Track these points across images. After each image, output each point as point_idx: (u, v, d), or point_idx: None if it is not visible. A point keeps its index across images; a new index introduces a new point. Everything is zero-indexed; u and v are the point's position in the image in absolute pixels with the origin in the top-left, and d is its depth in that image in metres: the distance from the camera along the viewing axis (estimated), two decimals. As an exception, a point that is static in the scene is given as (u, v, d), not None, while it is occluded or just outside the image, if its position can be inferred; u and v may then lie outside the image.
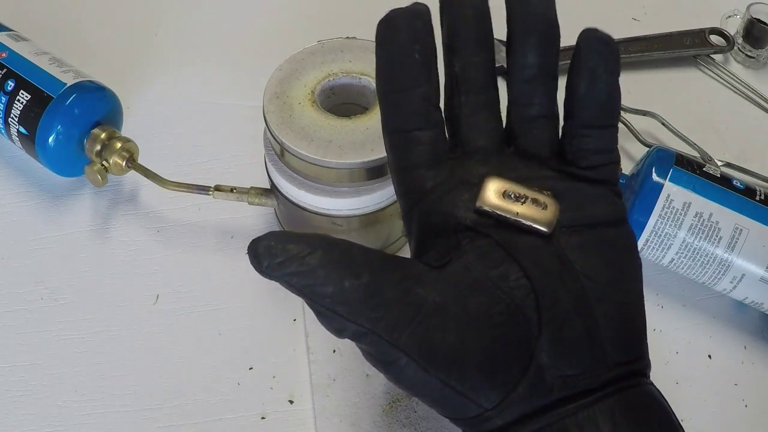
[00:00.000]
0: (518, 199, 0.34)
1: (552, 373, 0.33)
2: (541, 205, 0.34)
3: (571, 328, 0.33)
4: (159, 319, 0.56)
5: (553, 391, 0.33)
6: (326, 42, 0.55)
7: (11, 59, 0.59)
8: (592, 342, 0.33)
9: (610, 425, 0.32)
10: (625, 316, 0.35)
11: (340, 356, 0.53)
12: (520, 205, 0.34)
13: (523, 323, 0.33)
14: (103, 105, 0.60)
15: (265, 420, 0.51)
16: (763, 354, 0.55)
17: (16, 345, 0.54)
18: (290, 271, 0.32)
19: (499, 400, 0.32)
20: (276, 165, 0.53)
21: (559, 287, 0.34)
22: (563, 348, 0.33)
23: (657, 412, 0.34)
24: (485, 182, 0.35)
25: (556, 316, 0.33)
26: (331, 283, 0.32)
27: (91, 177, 0.58)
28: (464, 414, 0.33)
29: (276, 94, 0.52)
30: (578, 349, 0.33)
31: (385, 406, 0.51)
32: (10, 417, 0.51)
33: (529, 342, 0.33)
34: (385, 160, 0.50)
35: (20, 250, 0.59)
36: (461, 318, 0.33)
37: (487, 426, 0.33)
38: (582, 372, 0.33)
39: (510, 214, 0.34)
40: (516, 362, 0.33)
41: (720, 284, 0.54)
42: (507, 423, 0.33)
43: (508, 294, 0.33)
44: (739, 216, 0.52)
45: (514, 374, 0.32)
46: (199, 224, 0.60)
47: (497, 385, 0.32)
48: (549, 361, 0.33)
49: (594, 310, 0.34)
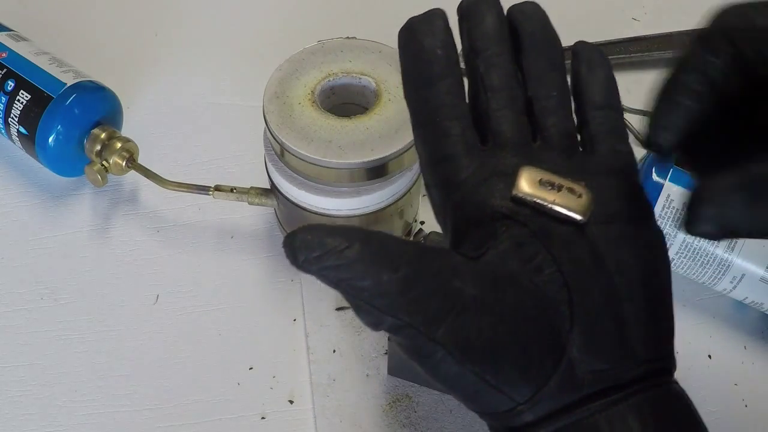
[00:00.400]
0: (554, 188, 0.35)
1: (582, 367, 0.33)
2: (576, 194, 0.35)
3: (602, 323, 0.34)
4: (159, 319, 0.56)
5: (583, 385, 0.33)
6: (326, 42, 0.55)
7: (11, 59, 0.59)
8: (622, 338, 0.34)
9: (639, 423, 0.32)
10: (654, 314, 0.35)
11: (340, 356, 0.53)
12: (555, 193, 0.34)
13: (556, 317, 0.33)
14: (103, 105, 0.60)
15: (265, 420, 0.51)
16: (763, 354, 0.55)
17: (16, 345, 0.54)
18: (327, 265, 0.32)
19: (531, 393, 0.33)
20: (276, 165, 0.53)
21: (590, 282, 0.34)
22: (594, 343, 0.33)
23: (684, 413, 0.34)
24: (520, 171, 0.35)
25: (588, 311, 0.33)
26: (369, 276, 0.32)
27: (91, 177, 0.58)
28: (496, 408, 0.33)
29: (276, 94, 0.52)
30: (608, 345, 0.33)
31: (385, 406, 0.51)
32: (10, 417, 0.51)
33: (560, 336, 0.33)
34: (385, 160, 0.50)
35: (20, 250, 0.59)
36: (496, 311, 0.33)
37: (518, 420, 0.33)
38: (611, 367, 0.33)
39: (546, 201, 0.34)
40: (548, 356, 0.33)
41: (720, 284, 0.54)
42: (538, 418, 0.33)
43: (542, 288, 0.33)
44: (739, 216, 0.52)
45: (546, 368, 0.33)
46: (199, 224, 0.60)
47: (530, 379, 0.33)
48: (579, 356, 0.33)
49: (624, 306, 0.34)
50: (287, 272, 0.58)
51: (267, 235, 0.60)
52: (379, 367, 0.52)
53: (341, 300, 0.55)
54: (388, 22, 0.73)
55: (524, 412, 0.33)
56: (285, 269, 0.58)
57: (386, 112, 0.52)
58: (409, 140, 0.51)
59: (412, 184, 0.55)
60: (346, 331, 0.54)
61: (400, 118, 0.51)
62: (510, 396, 0.33)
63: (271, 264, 0.58)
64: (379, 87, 0.53)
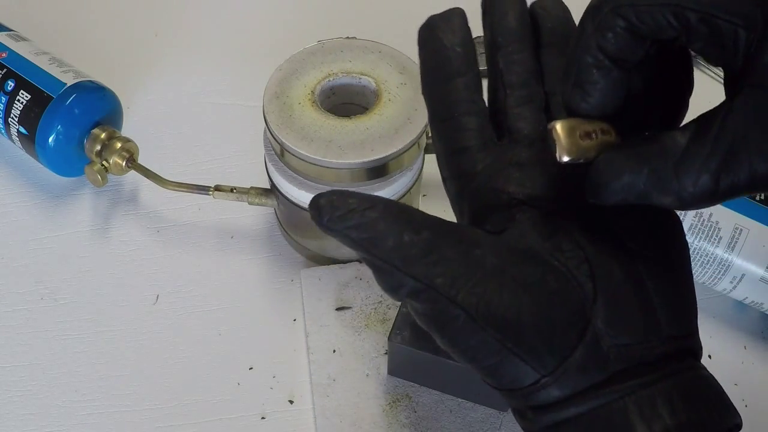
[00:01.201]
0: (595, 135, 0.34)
1: (607, 341, 0.33)
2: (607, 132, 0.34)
3: (625, 296, 0.34)
4: (159, 319, 0.56)
5: (609, 361, 0.33)
6: (326, 42, 0.55)
7: (11, 59, 0.59)
8: (647, 312, 0.34)
9: (668, 408, 0.32)
10: (677, 291, 0.35)
11: (340, 356, 0.53)
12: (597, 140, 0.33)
13: (578, 289, 0.33)
14: (103, 105, 0.60)
15: (265, 420, 0.51)
16: (763, 354, 0.55)
17: (16, 345, 0.54)
18: (351, 224, 0.33)
19: (555, 364, 0.32)
20: (276, 165, 0.53)
21: (611, 260, 0.34)
22: (618, 315, 0.33)
23: (713, 401, 0.34)
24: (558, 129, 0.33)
25: (610, 285, 0.33)
26: (391, 236, 0.32)
27: (91, 177, 0.58)
28: (520, 382, 0.33)
29: (276, 94, 0.52)
30: (633, 318, 0.33)
31: (385, 406, 0.51)
32: (10, 417, 0.51)
33: (584, 308, 0.33)
34: (385, 160, 0.50)
35: (20, 250, 0.59)
36: (519, 279, 0.33)
37: (543, 396, 0.33)
38: (637, 342, 0.33)
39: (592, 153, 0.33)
40: (572, 327, 0.33)
41: (720, 284, 0.54)
42: (564, 396, 0.33)
43: (563, 262, 0.34)
44: (739, 216, 0.52)
45: (570, 338, 0.32)
46: (199, 224, 0.60)
47: (554, 349, 0.32)
48: (604, 328, 0.33)
49: (645, 282, 0.34)
50: (287, 272, 0.58)
51: (267, 235, 0.60)
52: (379, 367, 0.52)
53: (341, 300, 0.55)
54: (388, 22, 0.73)
55: (549, 386, 0.32)
56: (285, 269, 0.58)
57: (386, 112, 0.52)
58: (409, 140, 0.51)
59: (412, 184, 0.55)
60: (346, 331, 0.54)
61: (400, 118, 0.51)
62: (534, 366, 0.32)
63: (271, 264, 0.58)
64: (379, 87, 0.53)
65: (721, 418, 0.33)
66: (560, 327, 0.33)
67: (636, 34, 0.32)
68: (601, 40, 0.32)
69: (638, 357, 0.33)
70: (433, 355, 0.48)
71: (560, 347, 0.32)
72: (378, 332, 0.54)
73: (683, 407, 0.32)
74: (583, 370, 0.33)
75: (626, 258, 0.34)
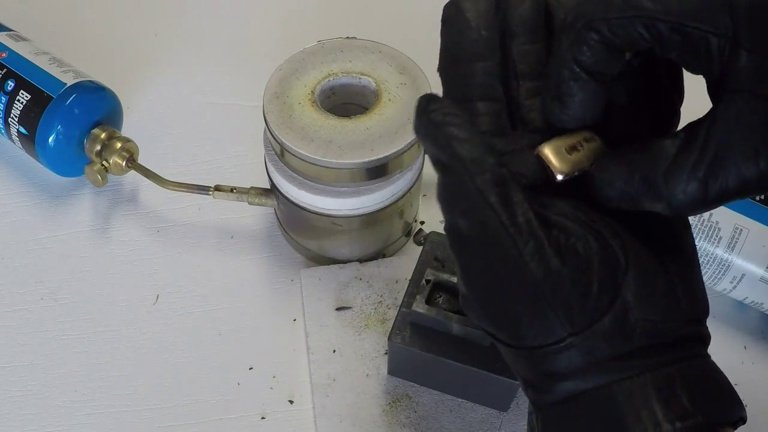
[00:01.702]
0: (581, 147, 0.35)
1: (635, 314, 0.33)
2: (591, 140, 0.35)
3: (653, 274, 0.34)
4: (159, 319, 0.56)
5: (634, 334, 0.33)
6: (326, 42, 0.55)
7: (11, 59, 0.59)
8: (670, 292, 0.34)
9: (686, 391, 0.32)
10: (695, 279, 0.36)
11: (340, 356, 0.53)
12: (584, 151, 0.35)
13: (612, 257, 0.33)
14: (103, 105, 0.60)
15: (265, 420, 0.51)
16: (763, 354, 0.55)
17: (16, 345, 0.54)
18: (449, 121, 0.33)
19: (584, 325, 0.32)
20: (276, 165, 0.53)
21: (638, 239, 0.34)
22: (647, 291, 0.33)
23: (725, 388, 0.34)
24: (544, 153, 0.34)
25: (640, 260, 0.34)
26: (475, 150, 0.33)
27: (91, 177, 0.58)
28: (544, 337, 0.32)
29: (276, 94, 0.52)
30: (659, 295, 0.34)
31: (385, 406, 0.51)
32: (10, 417, 0.51)
33: (617, 276, 0.33)
34: (385, 160, 0.50)
35: (20, 250, 0.59)
36: (562, 234, 0.33)
37: (563, 362, 0.32)
38: (661, 319, 0.33)
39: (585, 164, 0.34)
40: (606, 292, 0.33)
41: (720, 284, 0.54)
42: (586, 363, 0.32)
43: (597, 231, 0.34)
44: (739, 216, 0.52)
45: (602, 302, 0.32)
46: (199, 224, 0.60)
47: (586, 309, 0.32)
48: (633, 301, 0.33)
49: (669, 266, 0.35)
50: (287, 272, 0.58)
51: (267, 235, 0.60)
52: (379, 367, 0.52)
53: (341, 300, 0.55)
54: (388, 22, 0.73)
55: (572, 349, 0.32)
56: (285, 269, 0.58)
57: (386, 112, 0.52)
58: (409, 140, 0.51)
59: (412, 184, 0.55)
60: (346, 331, 0.54)
61: (400, 118, 0.51)
62: (563, 322, 0.32)
63: (271, 264, 0.58)
64: (379, 87, 0.53)
65: (733, 407, 0.34)
66: (596, 288, 0.32)
67: (610, 47, 0.33)
68: (577, 54, 0.33)
69: (660, 335, 0.33)
70: (433, 355, 0.48)
71: (592, 308, 0.32)
72: (378, 332, 0.54)
73: (700, 391, 0.33)
74: (608, 338, 0.32)
75: (649, 240, 0.35)
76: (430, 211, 0.61)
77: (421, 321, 0.48)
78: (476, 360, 0.47)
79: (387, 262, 0.57)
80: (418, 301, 0.48)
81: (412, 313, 0.48)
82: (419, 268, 0.50)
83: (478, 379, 0.48)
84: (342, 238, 0.56)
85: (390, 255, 0.58)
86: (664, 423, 0.31)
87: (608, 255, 0.33)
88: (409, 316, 0.48)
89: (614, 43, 0.32)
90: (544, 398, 0.34)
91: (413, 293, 0.48)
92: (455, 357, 0.47)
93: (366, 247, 0.57)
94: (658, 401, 0.32)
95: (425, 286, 0.48)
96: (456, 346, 0.48)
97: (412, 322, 0.48)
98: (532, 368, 0.34)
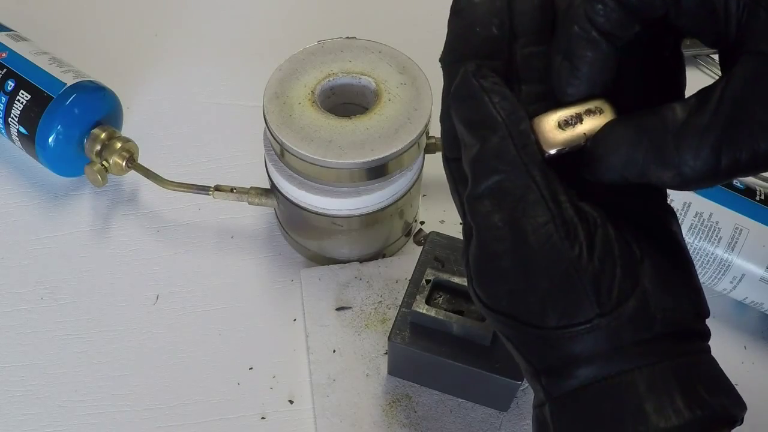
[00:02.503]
0: (577, 120, 0.33)
1: (654, 302, 0.32)
2: (597, 111, 0.33)
3: (664, 264, 0.33)
4: (159, 319, 0.56)
5: (655, 321, 0.32)
6: (326, 42, 0.55)
7: (11, 59, 0.59)
8: (684, 280, 0.34)
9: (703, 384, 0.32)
10: (691, 274, 0.35)
11: (340, 356, 0.53)
12: (581, 125, 0.33)
13: (628, 245, 0.33)
14: (103, 105, 0.60)
15: (265, 420, 0.51)
16: (763, 354, 0.55)
17: (16, 345, 0.54)
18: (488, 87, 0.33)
19: (612, 306, 0.32)
20: (276, 165, 0.53)
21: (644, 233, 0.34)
22: (663, 279, 0.33)
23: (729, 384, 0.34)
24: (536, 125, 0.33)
25: (651, 251, 0.33)
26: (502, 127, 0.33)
27: (91, 177, 0.58)
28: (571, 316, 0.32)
29: (276, 94, 0.52)
30: (674, 283, 0.33)
31: (385, 406, 0.51)
32: (10, 417, 0.51)
33: (634, 264, 0.33)
34: (385, 160, 0.50)
35: (20, 250, 0.59)
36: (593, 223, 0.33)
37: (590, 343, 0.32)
38: (678, 307, 0.33)
39: (580, 139, 0.33)
40: (629, 275, 0.32)
41: (720, 284, 0.54)
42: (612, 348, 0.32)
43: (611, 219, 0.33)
44: (739, 216, 0.52)
45: (627, 285, 0.32)
46: (199, 224, 0.60)
47: (613, 290, 0.32)
48: (651, 288, 0.32)
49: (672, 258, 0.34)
50: (287, 272, 0.58)
51: (267, 235, 0.60)
52: (379, 367, 0.52)
53: (341, 300, 0.55)
54: (388, 22, 0.73)
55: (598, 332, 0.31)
56: (285, 269, 0.58)
57: (386, 112, 0.52)
58: (409, 140, 0.51)
59: (412, 184, 0.55)
60: (346, 331, 0.54)
61: (400, 118, 0.51)
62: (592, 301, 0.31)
63: (271, 264, 0.58)
64: (379, 87, 0.53)
65: (739, 404, 0.34)
66: (620, 272, 0.32)
67: (625, 6, 0.31)
68: (590, 11, 0.32)
69: (676, 325, 0.33)
70: (433, 355, 0.48)
71: (619, 291, 0.32)
72: (378, 332, 0.54)
73: (713, 384, 0.32)
74: (632, 322, 0.32)
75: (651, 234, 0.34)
76: (430, 211, 0.61)
77: (421, 321, 0.48)
78: (476, 360, 0.47)
79: (387, 262, 0.57)
80: (418, 301, 0.48)
81: (412, 313, 0.48)
82: (419, 268, 0.50)
83: (478, 379, 0.48)
84: (342, 238, 0.56)
85: (390, 255, 0.58)
86: (685, 411, 0.31)
87: (625, 244, 0.33)
88: (409, 316, 0.48)
89: (630, 3, 0.31)
90: (561, 385, 0.33)
91: (413, 293, 0.48)
92: (455, 357, 0.47)
93: (366, 247, 0.57)
94: (677, 389, 0.31)
95: (425, 286, 0.48)
96: (456, 346, 0.48)
97: (412, 322, 0.48)
98: (550, 352, 0.33)
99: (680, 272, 0.34)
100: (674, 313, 0.33)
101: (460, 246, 0.50)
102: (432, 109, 0.52)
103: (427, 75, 0.53)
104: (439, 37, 0.38)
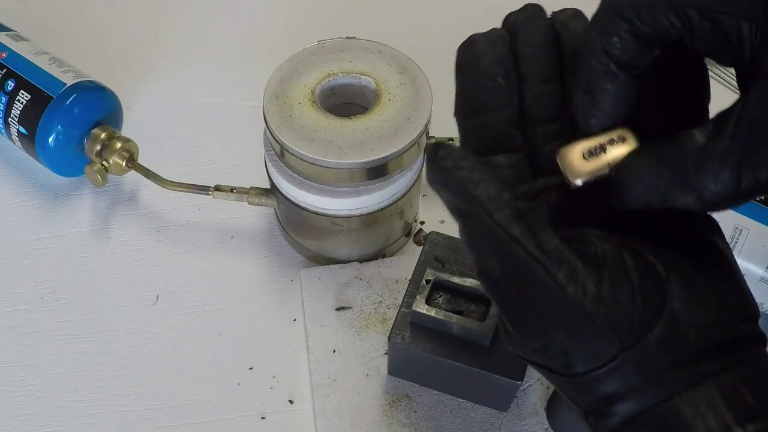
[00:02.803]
0: (601, 150, 0.34)
1: (686, 321, 0.32)
2: (619, 140, 0.34)
3: (696, 279, 0.33)
4: (159, 319, 0.56)
5: (689, 341, 0.32)
6: (326, 42, 0.55)
7: (11, 59, 0.59)
8: (718, 293, 0.33)
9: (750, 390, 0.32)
10: (734, 277, 0.35)
11: (340, 356, 0.53)
12: (605, 155, 0.34)
13: (651, 269, 0.33)
14: (103, 105, 0.60)
15: (265, 420, 0.51)
16: (763, 354, 0.55)
17: (16, 345, 0.54)
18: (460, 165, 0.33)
19: (634, 339, 0.31)
20: (276, 165, 0.53)
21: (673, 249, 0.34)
22: (693, 296, 0.33)
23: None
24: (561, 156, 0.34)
25: (680, 268, 0.33)
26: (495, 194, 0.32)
27: (91, 177, 0.58)
28: (596, 359, 0.32)
29: (276, 94, 0.52)
30: (706, 298, 0.33)
31: (385, 406, 0.51)
32: (10, 417, 0.51)
33: (659, 286, 0.32)
34: (385, 160, 0.50)
35: (20, 250, 0.59)
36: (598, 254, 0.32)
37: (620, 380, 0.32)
38: (715, 322, 0.33)
39: (605, 169, 0.33)
40: (650, 303, 0.32)
41: (720, 284, 0.54)
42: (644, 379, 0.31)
43: (631, 247, 0.33)
44: (739, 216, 0.52)
45: (649, 313, 0.32)
46: (199, 224, 0.60)
47: (633, 323, 0.32)
48: (681, 309, 0.32)
49: (709, 270, 0.34)
50: (287, 272, 0.58)
51: (267, 235, 0.60)
52: (379, 367, 0.52)
53: (341, 300, 0.55)
54: (388, 22, 0.73)
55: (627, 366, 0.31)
56: (285, 269, 0.58)
57: (386, 112, 0.52)
58: (409, 140, 0.51)
59: (412, 184, 0.55)
60: (346, 331, 0.54)
61: (400, 118, 0.51)
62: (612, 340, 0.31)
63: (271, 264, 0.58)
64: (379, 87, 0.53)
65: None
66: (640, 300, 0.32)
67: (640, 37, 0.32)
68: (606, 45, 0.32)
69: (716, 338, 0.32)
70: (433, 355, 0.48)
71: (639, 321, 0.32)
72: (378, 332, 0.54)
73: (766, 392, 0.32)
74: (662, 349, 0.31)
75: (684, 249, 0.34)
76: (430, 211, 0.61)
77: (421, 321, 0.48)
78: (476, 360, 0.47)
79: (387, 262, 0.57)
80: (418, 301, 0.48)
81: (412, 313, 0.48)
82: (419, 268, 0.50)
83: (478, 379, 0.48)
84: (342, 238, 0.56)
85: (390, 255, 0.58)
86: (734, 426, 0.31)
87: (647, 267, 0.33)
88: (409, 316, 0.48)
89: (644, 33, 0.32)
90: (607, 424, 0.33)
91: (413, 293, 0.48)
92: (455, 357, 0.47)
93: (366, 247, 0.57)
94: (725, 406, 0.31)
95: (425, 286, 0.48)
96: (456, 346, 0.48)
97: (412, 322, 0.48)
98: (588, 395, 0.33)
99: (717, 282, 0.34)
100: (712, 327, 0.32)
101: (460, 246, 0.50)
102: (432, 109, 0.52)
103: (427, 75, 0.53)
104: (439, 37, 0.38)
